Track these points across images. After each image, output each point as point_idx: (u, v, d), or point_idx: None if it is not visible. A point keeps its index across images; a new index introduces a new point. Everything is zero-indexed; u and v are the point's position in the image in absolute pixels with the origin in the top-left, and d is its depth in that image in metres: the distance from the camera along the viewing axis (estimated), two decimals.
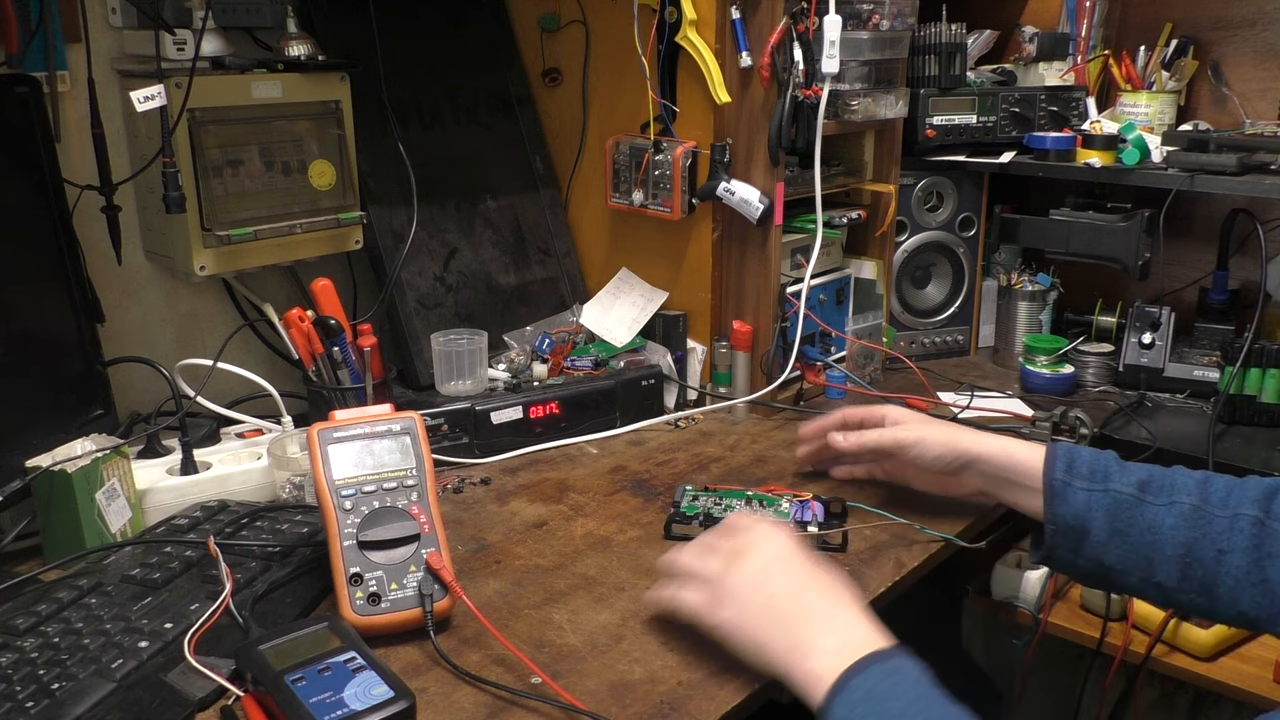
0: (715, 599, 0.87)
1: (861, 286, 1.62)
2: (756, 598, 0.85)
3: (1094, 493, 0.95)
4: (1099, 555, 0.96)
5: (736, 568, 0.87)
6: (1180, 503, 0.92)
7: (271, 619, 0.91)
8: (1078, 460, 0.98)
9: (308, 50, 1.28)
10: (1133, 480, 0.95)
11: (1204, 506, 0.92)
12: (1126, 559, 0.94)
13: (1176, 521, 0.92)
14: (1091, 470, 0.97)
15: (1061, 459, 0.98)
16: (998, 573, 1.38)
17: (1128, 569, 0.95)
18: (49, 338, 1.12)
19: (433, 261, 1.44)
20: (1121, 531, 0.94)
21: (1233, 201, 1.62)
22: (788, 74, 1.36)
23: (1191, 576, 0.91)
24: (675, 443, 1.38)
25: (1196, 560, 0.91)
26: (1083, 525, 0.96)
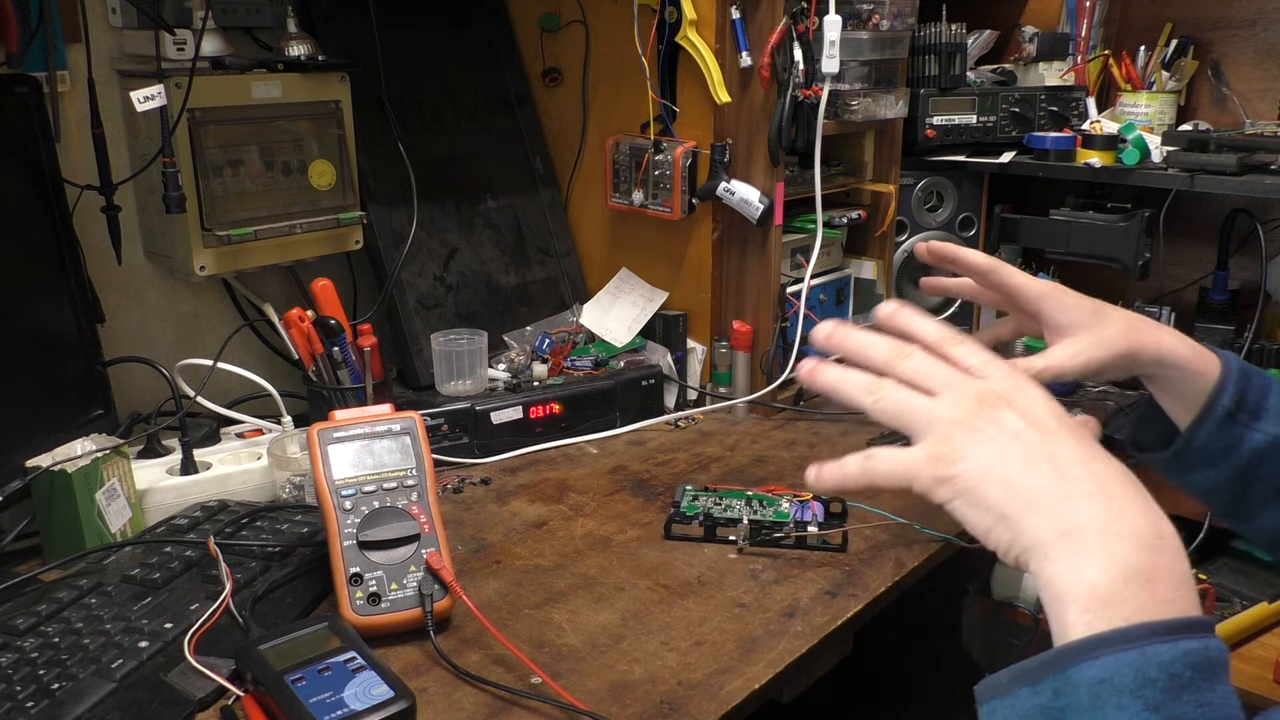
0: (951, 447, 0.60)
1: (861, 286, 1.62)
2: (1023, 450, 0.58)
3: (1254, 430, 0.84)
4: (1216, 486, 0.85)
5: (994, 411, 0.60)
6: None
7: (271, 619, 0.91)
8: (1250, 388, 0.84)
9: (308, 50, 1.28)
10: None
11: None
12: (1243, 499, 0.85)
13: None
14: (1258, 405, 0.84)
15: (1234, 384, 0.84)
16: (998, 573, 1.38)
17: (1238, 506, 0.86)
18: (49, 338, 1.12)
19: (433, 261, 1.44)
20: (1256, 474, 0.84)
21: (1233, 201, 1.62)
22: (788, 74, 1.36)
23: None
24: (675, 443, 1.38)
25: None
26: (1224, 458, 0.84)
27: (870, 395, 0.64)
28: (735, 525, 1.09)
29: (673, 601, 0.98)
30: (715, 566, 1.05)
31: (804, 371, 0.69)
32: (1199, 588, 1.19)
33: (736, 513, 1.12)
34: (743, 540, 1.08)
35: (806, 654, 0.91)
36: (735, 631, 0.93)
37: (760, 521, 1.10)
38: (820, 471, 0.66)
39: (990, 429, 0.59)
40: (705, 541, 1.09)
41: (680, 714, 0.82)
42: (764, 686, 0.87)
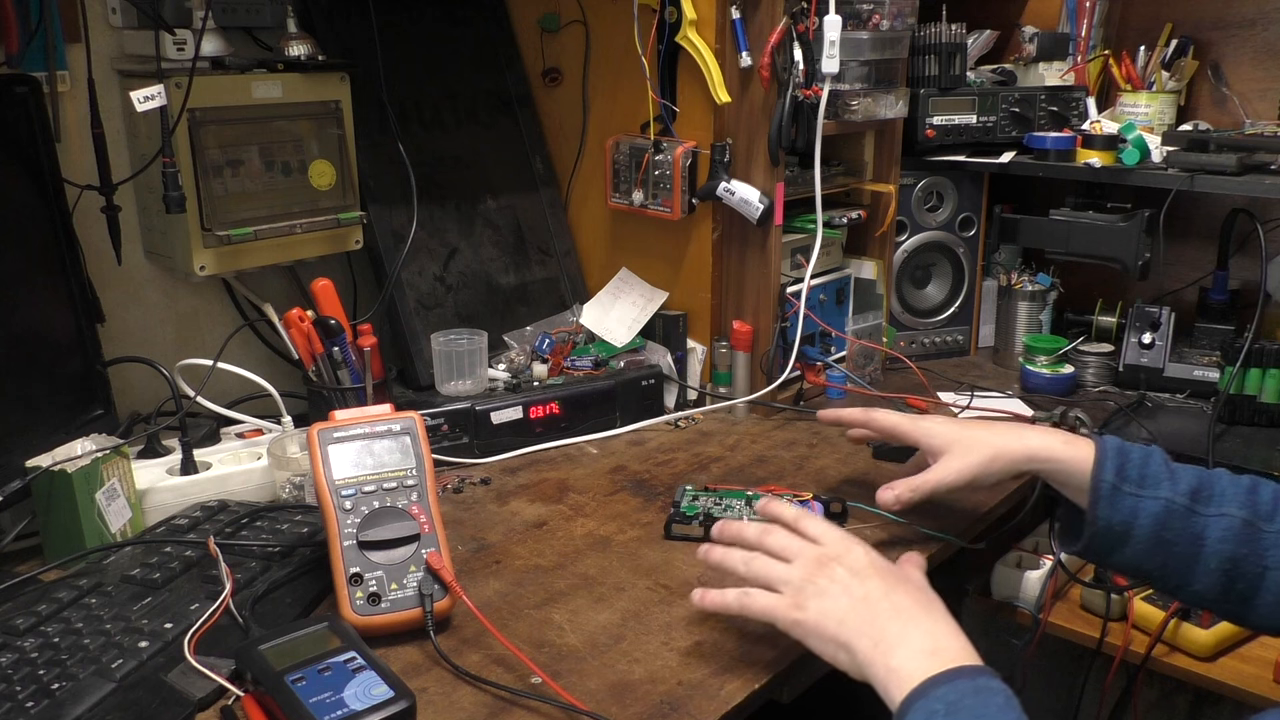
0: (799, 598, 0.84)
1: (861, 286, 1.62)
2: (848, 595, 0.82)
3: (1143, 499, 0.92)
4: (1137, 561, 0.93)
5: (828, 570, 0.84)
6: (1230, 515, 0.90)
7: (271, 619, 0.91)
8: (1128, 463, 0.94)
9: (308, 50, 1.28)
10: (1184, 488, 0.92)
11: (1254, 521, 0.89)
12: (1166, 566, 0.92)
13: (1224, 535, 0.89)
14: (1142, 475, 0.93)
15: (1111, 460, 0.94)
16: (998, 573, 1.38)
17: (1165, 575, 0.93)
18: (49, 338, 1.12)
19: (433, 261, 1.44)
20: (1167, 541, 0.91)
21: (1233, 201, 1.62)
22: (788, 74, 1.36)
23: (1232, 589, 0.90)
24: (675, 443, 1.38)
25: (1240, 575, 0.89)
26: (1127, 530, 0.92)
27: (745, 565, 0.88)
28: None
29: (673, 601, 0.98)
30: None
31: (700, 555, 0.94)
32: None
33: (736, 513, 1.12)
34: None
35: (806, 654, 0.90)
36: (735, 631, 0.93)
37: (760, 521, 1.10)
38: (704, 597, 0.89)
39: (825, 583, 0.83)
40: (705, 541, 1.09)
41: (680, 714, 0.82)
42: (764, 686, 0.87)
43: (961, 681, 0.71)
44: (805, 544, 0.87)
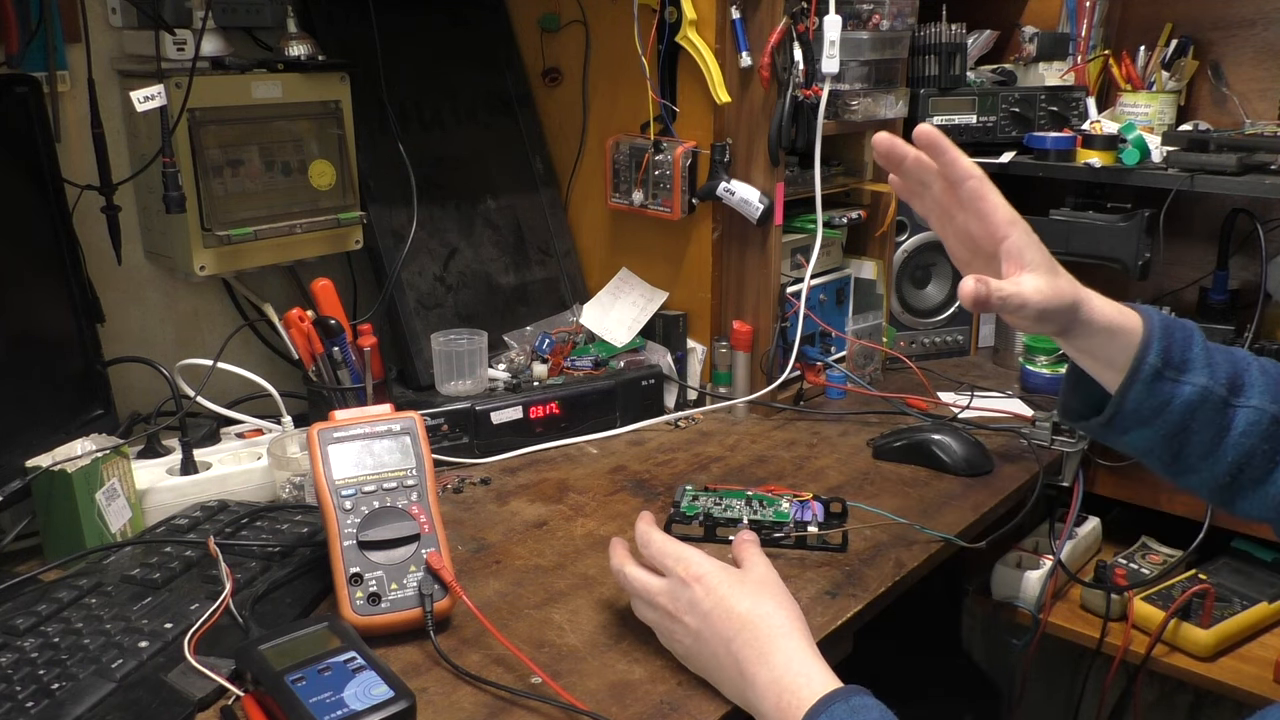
0: (666, 641, 0.88)
1: (861, 286, 1.62)
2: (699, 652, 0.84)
3: (1182, 384, 0.84)
4: (1150, 444, 0.87)
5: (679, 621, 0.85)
6: (1259, 409, 0.84)
7: (271, 619, 0.91)
8: (1173, 344, 0.85)
9: (308, 50, 1.28)
10: (1223, 375, 0.85)
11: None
12: (1180, 451, 0.86)
13: (1249, 428, 0.84)
14: (1184, 359, 0.85)
15: (1157, 342, 0.85)
16: (998, 573, 1.38)
17: (1174, 458, 0.87)
18: (49, 338, 1.12)
19: (433, 261, 1.44)
20: (1190, 429, 0.85)
21: (1233, 201, 1.62)
22: (788, 74, 1.36)
23: (1237, 480, 0.85)
24: (675, 443, 1.38)
25: (1250, 466, 0.84)
26: (1154, 415, 0.85)
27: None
28: (735, 525, 1.09)
29: None
30: None
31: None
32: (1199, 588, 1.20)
33: (736, 513, 1.12)
34: None
35: None
36: None
37: (760, 521, 1.10)
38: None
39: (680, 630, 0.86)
40: (705, 541, 1.09)
41: (680, 714, 0.82)
42: None
43: (837, 705, 0.73)
44: (654, 585, 0.88)
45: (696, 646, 0.84)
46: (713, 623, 0.83)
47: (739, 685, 0.81)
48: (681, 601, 0.85)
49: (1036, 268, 0.86)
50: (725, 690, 0.83)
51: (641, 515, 0.94)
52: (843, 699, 0.74)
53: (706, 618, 0.83)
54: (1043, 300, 0.84)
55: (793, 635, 0.81)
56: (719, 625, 0.82)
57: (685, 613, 0.85)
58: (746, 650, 0.80)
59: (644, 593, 0.89)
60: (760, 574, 0.86)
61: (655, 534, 0.91)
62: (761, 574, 0.86)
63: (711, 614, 0.83)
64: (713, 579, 0.85)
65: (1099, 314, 0.86)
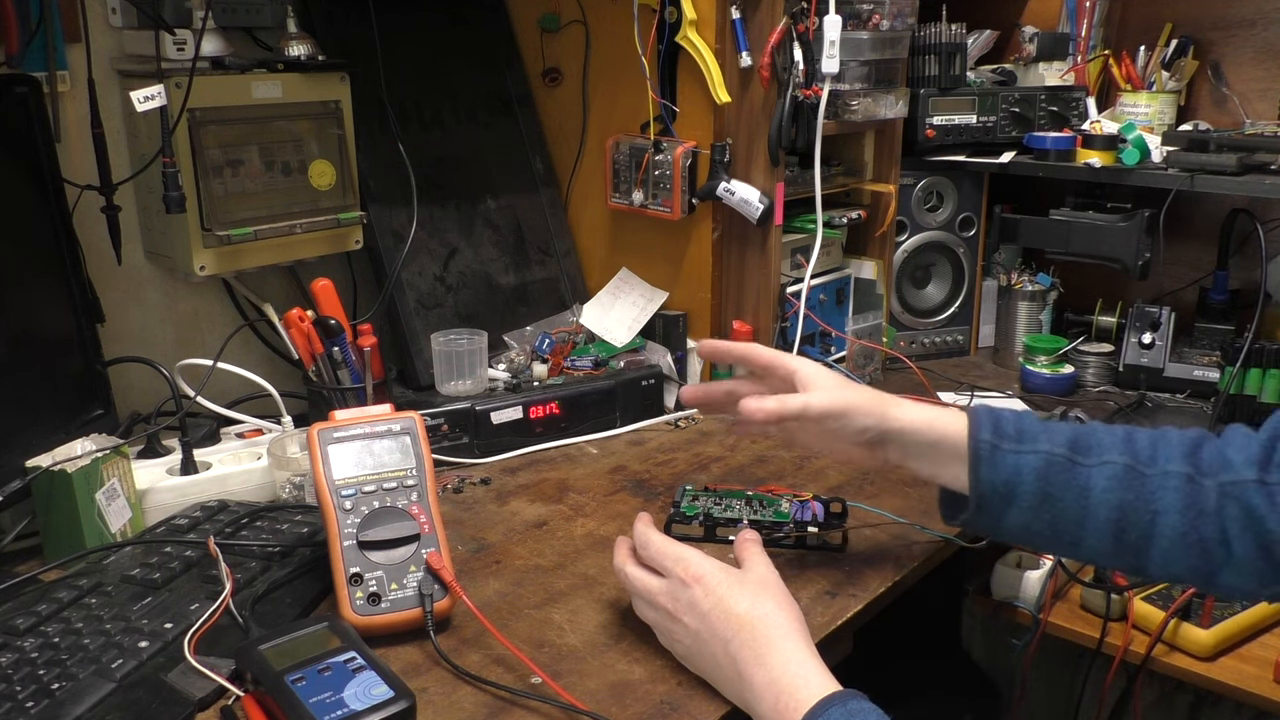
0: (665, 640, 0.88)
1: (861, 286, 1.62)
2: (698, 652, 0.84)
3: (1023, 454, 0.89)
4: (1025, 522, 0.90)
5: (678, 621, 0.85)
6: (1112, 462, 0.87)
7: (271, 619, 0.91)
8: (1003, 421, 0.92)
9: (308, 50, 1.28)
10: (1062, 440, 0.90)
11: (1135, 465, 0.87)
12: (1054, 525, 0.89)
13: (1109, 483, 0.87)
14: (1019, 431, 0.91)
15: (986, 422, 0.92)
16: (998, 573, 1.38)
17: (1056, 534, 0.90)
18: (49, 338, 1.12)
19: (433, 261, 1.44)
20: (1051, 496, 0.89)
21: (1233, 201, 1.62)
22: (788, 74, 1.36)
23: (1125, 540, 0.87)
24: (675, 443, 1.38)
25: (1130, 523, 0.86)
26: (1011, 490, 0.90)
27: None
28: (735, 525, 1.09)
29: None
30: None
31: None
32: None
33: (736, 513, 1.12)
34: None
35: None
36: None
37: (760, 521, 1.10)
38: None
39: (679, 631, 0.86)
40: (705, 541, 1.09)
41: (680, 714, 0.82)
42: None
43: (833, 710, 0.73)
44: (655, 585, 0.88)
45: (696, 647, 0.84)
46: (711, 623, 0.83)
47: (737, 686, 0.81)
48: (681, 602, 0.85)
49: (820, 383, 0.98)
50: (724, 691, 0.83)
51: (640, 516, 0.94)
52: (839, 703, 0.74)
53: (705, 618, 0.83)
54: (828, 403, 0.95)
55: (791, 637, 0.80)
56: (718, 626, 0.82)
57: (684, 613, 0.85)
58: (744, 651, 0.80)
59: (644, 593, 0.89)
60: (760, 574, 0.86)
61: (654, 535, 0.91)
62: (762, 574, 0.86)
63: (710, 615, 0.83)
64: (712, 579, 0.85)
65: (909, 415, 0.95)
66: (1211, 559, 0.84)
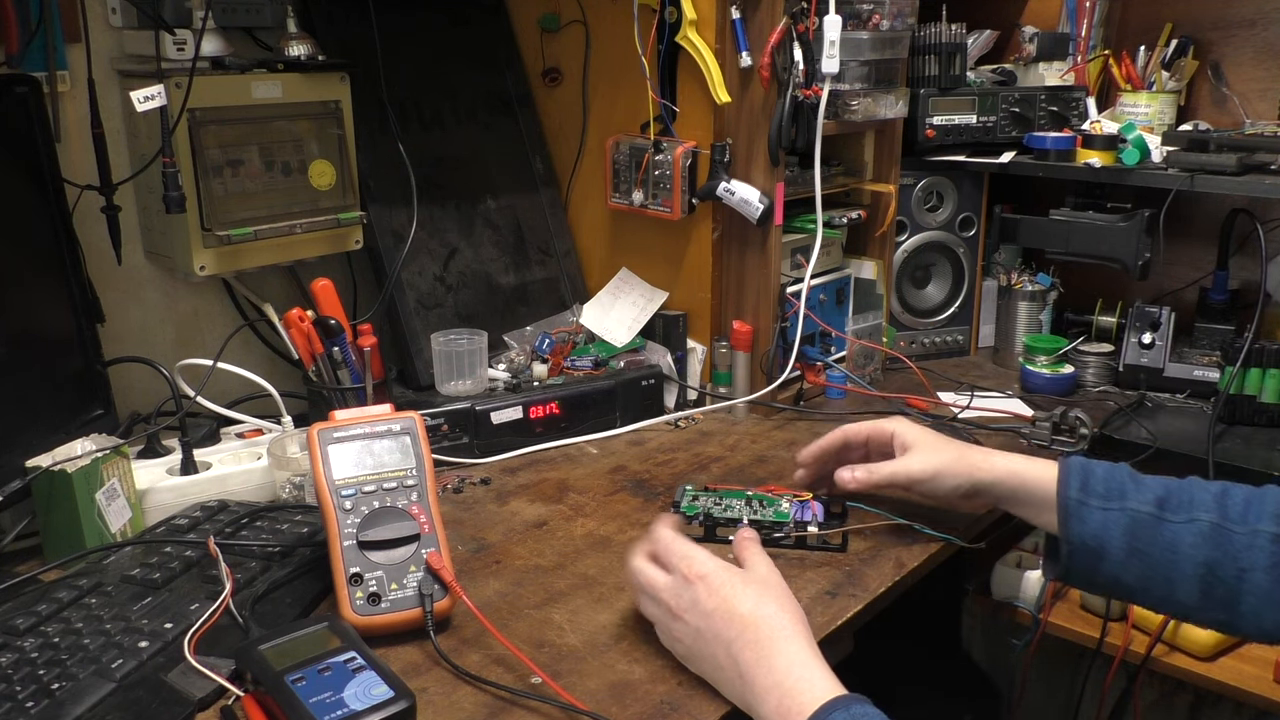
0: (666, 638, 0.88)
1: (861, 286, 1.62)
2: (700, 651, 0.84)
3: (1110, 511, 0.93)
4: (1116, 574, 0.94)
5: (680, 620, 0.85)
6: (1199, 520, 0.90)
7: (271, 619, 0.91)
8: (1092, 477, 0.95)
9: (308, 50, 1.28)
10: (1150, 497, 0.93)
11: (1223, 524, 0.89)
12: (1146, 578, 0.92)
13: (1196, 540, 0.90)
14: (1107, 488, 0.94)
15: (1076, 476, 0.95)
16: (998, 573, 1.38)
17: (1148, 588, 0.93)
18: (49, 337, 1.12)
19: (433, 261, 1.44)
20: (1140, 551, 0.92)
21: (1233, 201, 1.62)
22: (788, 74, 1.36)
23: (1213, 595, 0.90)
24: (675, 443, 1.38)
25: (1218, 579, 0.89)
26: (1100, 545, 0.93)
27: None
28: (735, 525, 1.09)
29: None
30: None
31: None
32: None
33: (736, 513, 1.12)
34: None
35: None
36: None
37: (760, 521, 1.10)
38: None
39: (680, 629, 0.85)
40: (705, 541, 1.09)
41: (680, 714, 0.82)
42: None
43: (836, 714, 0.73)
44: (659, 581, 0.88)
45: (697, 646, 0.84)
46: (714, 623, 0.83)
47: (739, 687, 0.80)
48: (684, 600, 0.85)
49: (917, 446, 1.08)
50: (725, 691, 0.83)
51: (663, 517, 0.94)
52: (843, 707, 0.73)
53: (708, 618, 0.83)
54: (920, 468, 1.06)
55: (795, 638, 0.80)
56: (720, 626, 0.82)
57: (686, 611, 0.85)
58: (747, 652, 0.80)
59: (648, 586, 0.89)
60: (763, 574, 0.86)
61: (665, 531, 0.91)
62: (764, 574, 0.86)
63: (714, 614, 0.83)
64: (716, 579, 0.84)
65: (997, 469, 1.02)
66: None
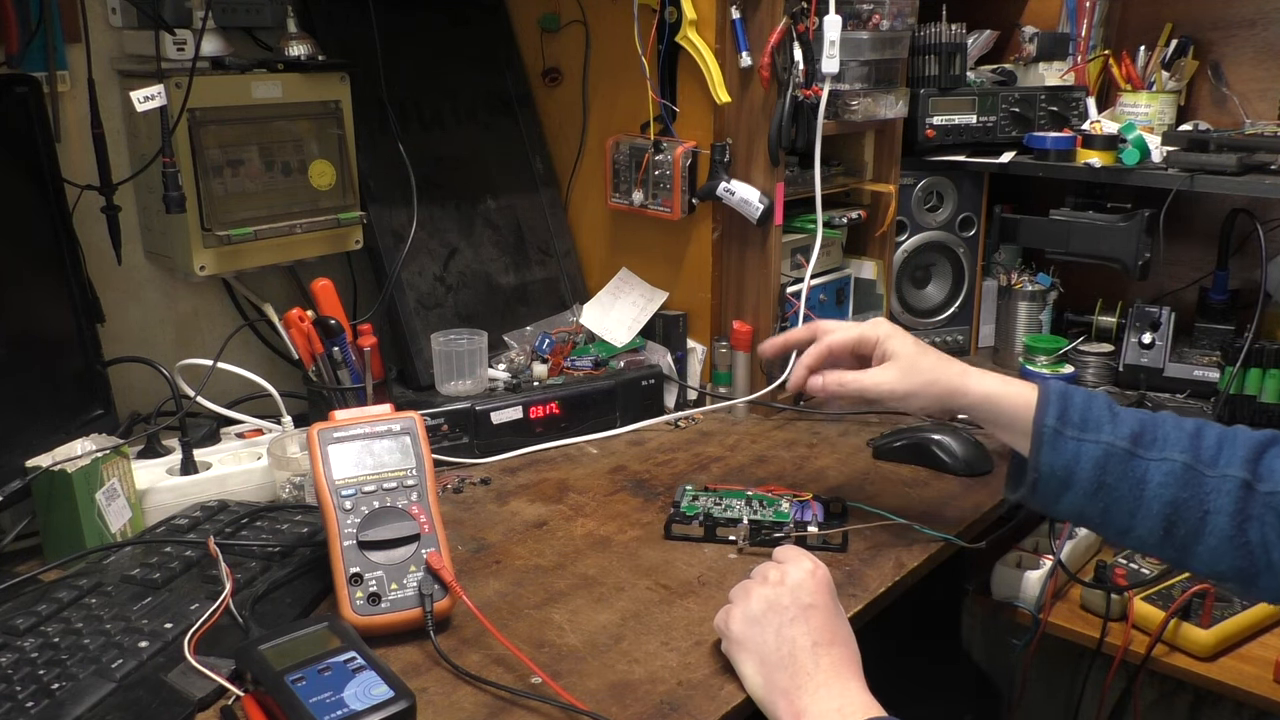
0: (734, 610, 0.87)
1: (861, 286, 1.62)
2: (778, 635, 0.83)
3: (1085, 443, 0.93)
4: (1080, 505, 0.94)
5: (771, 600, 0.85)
6: (1172, 460, 0.91)
7: (271, 619, 0.91)
8: (1070, 406, 0.95)
9: (308, 50, 1.28)
10: (1126, 431, 0.93)
11: (1195, 465, 0.90)
12: (1108, 511, 0.93)
13: (1165, 479, 0.90)
14: (1084, 418, 0.94)
15: (1054, 404, 0.95)
16: (998, 573, 1.38)
17: (1108, 520, 0.94)
18: (49, 337, 1.12)
19: (433, 261, 1.44)
20: (1108, 485, 0.92)
21: (1233, 201, 1.62)
22: (788, 74, 1.36)
23: (1173, 534, 0.91)
24: (675, 443, 1.38)
25: (1181, 519, 0.90)
26: (1069, 475, 0.93)
27: None
28: (735, 525, 1.09)
29: (673, 601, 0.98)
30: (715, 566, 1.05)
31: None
32: (1199, 587, 1.20)
33: (736, 513, 1.12)
34: (743, 540, 1.08)
35: None
36: None
37: (760, 521, 1.10)
38: None
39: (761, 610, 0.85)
40: (705, 541, 1.09)
41: (680, 714, 0.82)
42: None
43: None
44: (771, 564, 0.89)
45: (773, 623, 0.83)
46: (811, 618, 0.83)
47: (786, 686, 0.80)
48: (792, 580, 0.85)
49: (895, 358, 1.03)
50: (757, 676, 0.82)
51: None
52: None
53: (807, 610, 0.83)
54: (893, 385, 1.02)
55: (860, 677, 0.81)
56: (817, 623, 0.83)
57: (789, 591, 0.85)
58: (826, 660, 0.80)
59: (783, 552, 0.89)
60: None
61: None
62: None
63: (812, 610, 0.83)
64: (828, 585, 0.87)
65: (976, 392, 1.00)
66: (1254, 563, 0.88)
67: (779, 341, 1.16)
